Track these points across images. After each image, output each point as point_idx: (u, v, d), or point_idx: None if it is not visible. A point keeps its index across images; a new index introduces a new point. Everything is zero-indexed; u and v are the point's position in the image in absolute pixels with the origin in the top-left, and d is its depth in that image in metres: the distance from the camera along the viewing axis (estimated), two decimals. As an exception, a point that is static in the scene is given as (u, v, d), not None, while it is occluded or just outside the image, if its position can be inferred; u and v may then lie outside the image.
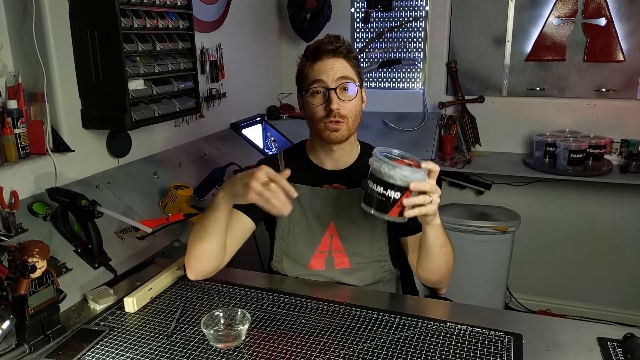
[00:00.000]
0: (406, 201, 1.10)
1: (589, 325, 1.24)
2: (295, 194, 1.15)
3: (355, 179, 1.42)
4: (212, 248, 1.32)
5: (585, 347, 1.13)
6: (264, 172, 1.15)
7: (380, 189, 1.10)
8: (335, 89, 1.33)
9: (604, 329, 1.20)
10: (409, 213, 1.11)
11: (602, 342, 1.14)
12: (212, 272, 1.39)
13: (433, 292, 1.49)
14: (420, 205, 1.12)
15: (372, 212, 1.13)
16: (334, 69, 1.34)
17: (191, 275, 1.39)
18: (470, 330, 1.19)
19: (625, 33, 2.70)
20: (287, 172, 1.18)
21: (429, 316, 1.25)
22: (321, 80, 1.34)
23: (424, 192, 1.12)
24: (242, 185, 1.17)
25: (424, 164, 1.12)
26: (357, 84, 1.37)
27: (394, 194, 1.09)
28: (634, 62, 2.72)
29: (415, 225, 1.35)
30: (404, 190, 1.09)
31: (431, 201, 1.13)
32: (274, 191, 1.14)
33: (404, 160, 1.14)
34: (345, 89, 1.35)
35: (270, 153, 2.85)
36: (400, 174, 1.08)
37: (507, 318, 1.30)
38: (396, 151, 1.18)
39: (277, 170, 1.44)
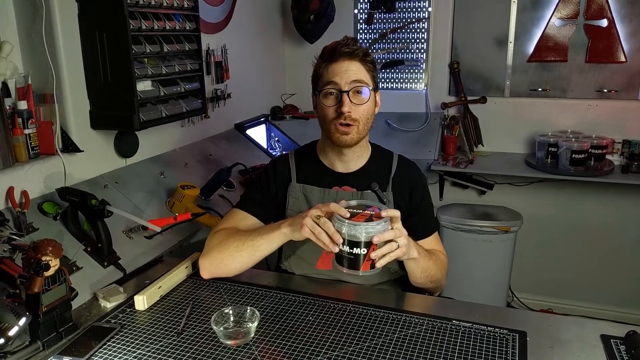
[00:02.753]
0: (373, 254, 1.14)
1: (592, 322, 1.26)
2: (340, 241, 1.17)
3: (365, 182, 1.45)
4: (247, 265, 1.38)
5: (588, 345, 1.15)
6: (316, 210, 1.23)
7: (347, 249, 1.14)
8: (348, 91, 1.34)
9: (607, 327, 1.22)
10: (380, 263, 1.16)
11: (605, 339, 1.16)
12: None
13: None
14: (389, 252, 1.16)
15: (345, 271, 1.17)
16: (349, 71, 1.35)
17: (205, 275, 1.43)
18: (475, 327, 1.21)
19: (626, 34, 2.72)
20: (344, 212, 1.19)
21: (434, 314, 1.27)
22: (334, 82, 1.35)
23: (390, 240, 1.16)
24: (299, 221, 1.24)
25: (384, 213, 1.16)
26: (371, 87, 1.38)
27: (360, 251, 1.13)
28: (636, 63, 2.74)
29: (417, 233, 1.44)
30: (369, 244, 1.13)
31: (398, 246, 1.18)
32: (323, 227, 1.19)
33: (366, 211, 1.17)
34: (358, 92, 1.36)
35: (274, 153, 2.87)
36: (361, 231, 1.12)
37: (511, 316, 1.32)
38: (354, 202, 1.22)
39: (288, 168, 1.49)
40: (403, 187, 1.48)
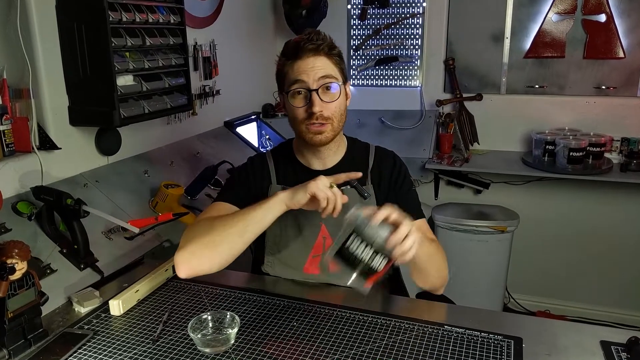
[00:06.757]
0: (398, 250, 1.02)
1: (591, 328, 1.21)
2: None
3: None
4: (236, 248, 1.19)
5: (587, 351, 1.09)
6: (328, 178, 1.18)
7: (368, 254, 1.02)
8: (317, 90, 1.28)
9: (607, 332, 1.17)
10: (409, 256, 1.04)
11: (606, 345, 1.10)
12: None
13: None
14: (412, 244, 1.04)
15: (350, 281, 1.04)
16: (315, 68, 1.28)
17: (184, 273, 1.19)
18: (468, 333, 1.15)
19: (625, 29, 2.66)
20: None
21: (425, 319, 1.21)
22: (302, 81, 1.28)
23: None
24: (303, 186, 1.17)
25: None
26: (340, 82, 1.31)
27: (381, 262, 1.03)
28: (635, 59, 2.68)
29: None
30: (389, 258, 1.03)
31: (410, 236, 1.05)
32: (334, 192, 1.15)
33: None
34: (327, 88, 1.29)
35: (265, 152, 2.80)
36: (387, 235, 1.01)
37: (506, 321, 1.26)
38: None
39: (267, 170, 1.44)
40: (382, 177, 1.41)
